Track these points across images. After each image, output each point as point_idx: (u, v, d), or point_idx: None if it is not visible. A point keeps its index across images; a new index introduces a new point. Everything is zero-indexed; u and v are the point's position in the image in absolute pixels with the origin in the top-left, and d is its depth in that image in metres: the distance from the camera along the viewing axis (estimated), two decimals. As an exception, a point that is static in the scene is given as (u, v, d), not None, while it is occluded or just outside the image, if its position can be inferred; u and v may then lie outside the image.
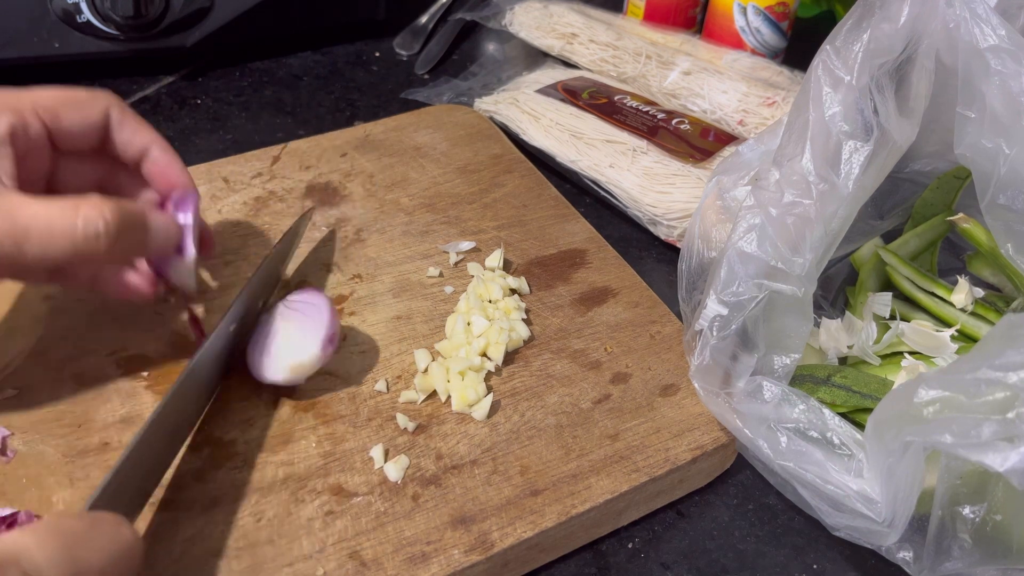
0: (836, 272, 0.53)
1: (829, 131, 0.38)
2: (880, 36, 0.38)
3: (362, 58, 0.78)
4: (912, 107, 0.40)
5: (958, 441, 0.30)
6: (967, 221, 0.47)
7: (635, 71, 0.67)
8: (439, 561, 0.36)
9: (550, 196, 0.57)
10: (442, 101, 0.69)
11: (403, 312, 0.48)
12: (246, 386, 0.43)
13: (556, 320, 0.48)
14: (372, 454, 0.40)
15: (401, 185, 0.57)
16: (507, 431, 0.41)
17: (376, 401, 0.43)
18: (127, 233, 0.37)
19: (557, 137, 0.62)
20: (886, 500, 0.34)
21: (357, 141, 0.61)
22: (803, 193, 0.38)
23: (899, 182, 0.51)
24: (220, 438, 0.40)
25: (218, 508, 0.37)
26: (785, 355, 0.41)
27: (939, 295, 0.47)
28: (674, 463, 0.40)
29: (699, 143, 0.59)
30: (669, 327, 0.48)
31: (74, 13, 0.64)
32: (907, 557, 0.35)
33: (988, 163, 0.37)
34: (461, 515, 0.38)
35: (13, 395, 0.41)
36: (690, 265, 0.45)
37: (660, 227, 0.57)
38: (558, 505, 0.38)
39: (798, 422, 0.38)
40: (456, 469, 0.40)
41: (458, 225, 0.54)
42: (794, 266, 0.38)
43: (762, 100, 0.62)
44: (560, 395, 0.43)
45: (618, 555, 0.41)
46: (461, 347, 0.44)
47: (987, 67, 0.36)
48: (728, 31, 0.72)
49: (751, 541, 0.42)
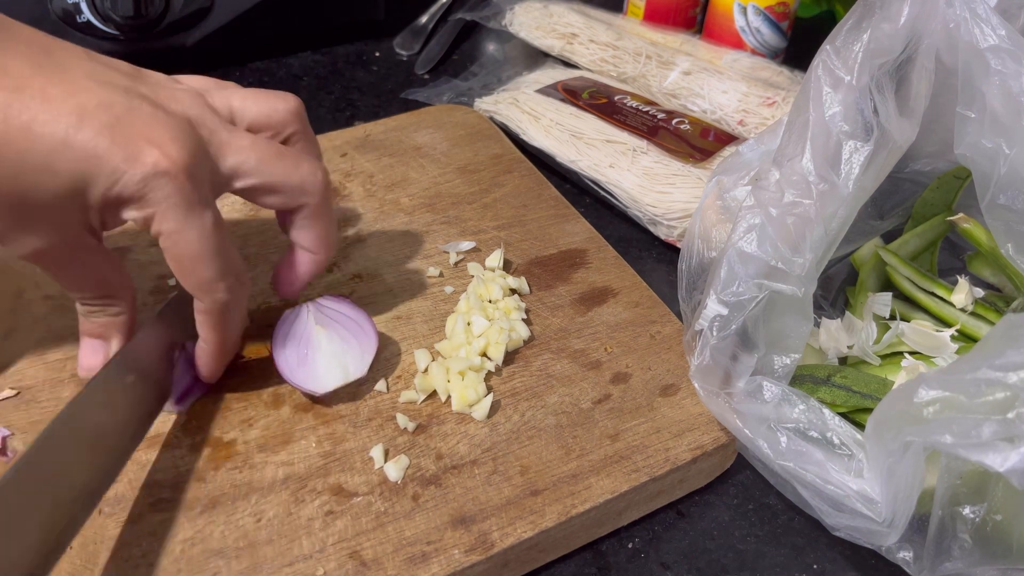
0: (836, 272, 0.53)
1: (829, 131, 0.38)
2: (880, 36, 0.38)
3: (362, 58, 0.78)
4: (912, 107, 0.40)
5: (958, 441, 0.30)
6: (967, 221, 0.47)
7: (635, 71, 0.67)
8: (439, 561, 0.36)
9: (550, 196, 0.57)
10: (442, 101, 0.70)
11: (403, 312, 0.48)
12: (246, 386, 0.43)
13: (556, 320, 0.48)
14: (372, 454, 0.40)
15: (401, 185, 0.57)
16: (507, 431, 0.41)
17: (376, 401, 0.43)
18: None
19: (557, 137, 0.62)
20: (886, 500, 0.34)
21: (357, 141, 0.61)
22: (803, 193, 0.38)
23: (899, 182, 0.51)
24: (220, 438, 0.40)
25: (218, 508, 0.37)
26: (785, 355, 0.41)
27: (939, 295, 0.47)
28: (674, 463, 0.40)
29: (699, 143, 0.59)
30: (669, 327, 0.48)
31: (74, 13, 0.64)
32: (907, 557, 0.35)
33: (988, 163, 0.37)
34: (461, 515, 0.38)
35: (13, 395, 0.42)
36: (690, 265, 0.45)
37: (660, 227, 0.57)
38: (558, 505, 0.38)
39: (798, 422, 0.38)
40: (456, 469, 0.40)
41: (458, 225, 0.54)
42: (794, 266, 0.38)
43: (762, 100, 0.62)
44: (560, 395, 0.43)
45: (618, 555, 0.41)
46: (461, 347, 0.44)
47: (987, 67, 0.36)
48: (728, 31, 0.72)
49: (751, 541, 0.42)
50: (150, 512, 0.37)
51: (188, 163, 0.34)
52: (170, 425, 0.41)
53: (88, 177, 0.33)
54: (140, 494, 0.38)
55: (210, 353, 0.40)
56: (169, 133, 0.34)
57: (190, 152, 0.34)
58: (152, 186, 0.33)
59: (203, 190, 0.35)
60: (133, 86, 0.35)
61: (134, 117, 0.34)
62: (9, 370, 0.43)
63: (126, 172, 0.33)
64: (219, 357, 0.40)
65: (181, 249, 0.35)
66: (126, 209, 0.34)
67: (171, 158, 0.33)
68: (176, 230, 0.34)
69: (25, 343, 0.44)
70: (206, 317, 0.38)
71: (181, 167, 0.34)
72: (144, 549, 0.36)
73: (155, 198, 0.34)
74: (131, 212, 0.34)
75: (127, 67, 0.37)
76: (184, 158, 0.34)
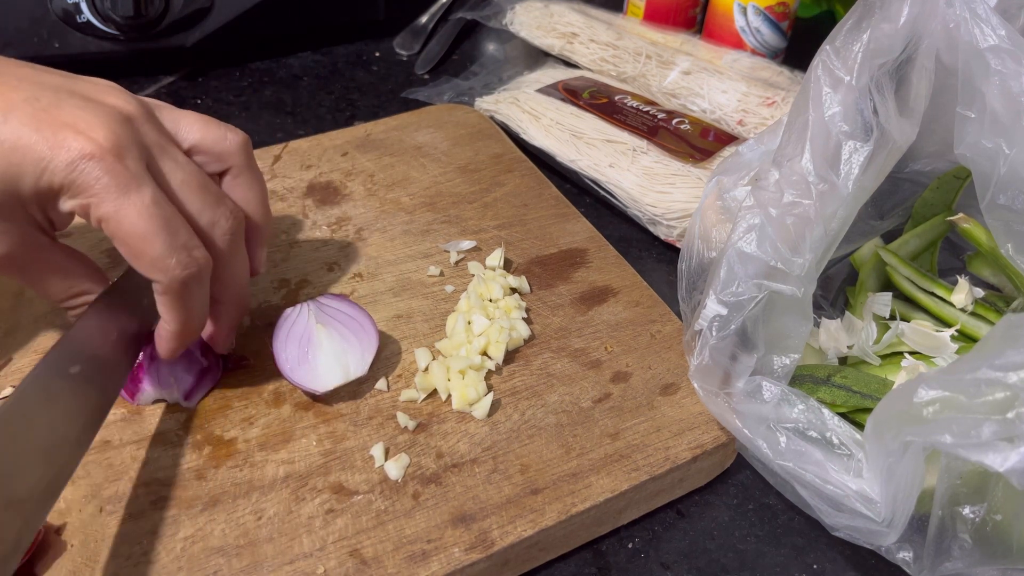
0: (836, 272, 0.54)
1: (829, 131, 0.38)
2: (880, 36, 0.38)
3: (362, 58, 0.78)
4: (912, 107, 0.40)
5: (958, 441, 0.30)
6: (967, 221, 0.47)
7: (635, 71, 0.67)
8: (439, 559, 0.36)
9: (551, 195, 0.57)
10: (443, 100, 0.70)
11: (404, 311, 0.48)
12: (247, 384, 0.43)
13: (556, 319, 0.48)
14: (373, 452, 0.40)
15: (402, 184, 0.57)
16: (507, 430, 0.41)
17: (377, 400, 0.43)
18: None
19: (557, 137, 0.62)
20: (886, 500, 0.34)
21: (358, 140, 0.61)
22: (803, 193, 0.38)
23: (899, 182, 0.51)
24: (221, 436, 0.40)
25: (219, 506, 0.37)
26: (785, 355, 0.41)
27: (939, 295, 0.47)
28: (674, 462, 0.40)
29: (699, 143, 0.59)
30: (669, 326, 0.48)
31: (74, 13, 0.64)
32: (907, 557, 0.35)
33: (988, 163, 0.37)
34: (461, 513, 0.38)
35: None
36: (690, 265, 0.45)
37: (660, 227, 0.57)
38: (558, 504, 0.38)
39: (797, 422, 0.38)
40: (456, 468, 0.40)
41: (459, 224, 0.54)
42: (794, 266, 0.38)
43: (762, 100, 0.62)
44: (560, 394, 0.43)
45: (618, 555, 0.41)
46: (462, 346, 0.44)
47: (987, 67, 0.36)
48: (728, 31, 0.72)
49: (751, 541, 0.42)
50: (151, 510, 0.37)
51: (115, 144, 0.34)
52: (171, 423, 0.41)
53: (18, 170, 0.33)
54: (141, 492, 0.38)
55: (172, 334, 0.38)
56: (96, 120, 0.34)
57: (117, 135, 0.34)
58: (80, 171, 0.33)
59: (137, 167, 0.34)
60: (66, 84, 0.35)
61: (60, 108, 0.34)
62: (10, 368, 0.43)
63: (52, 160, 0.33)
64: (181, 338, 0.38)
65: (125, 230, 0.34)
66: (62, 199, 0.34)
67: (96, 142, 0.33)
68: (114, 212, 0.34)
69: (26, 341, 0.44)
70: (165, 298, 0.36)
71: (107, 149, 0.33)
72: (145, 547, 0.36)
73: (85, 183, 0.33)
74: (68, 203, 0.34)
75: (67, 73, 0.37)
76: (111, 140, 0.33)
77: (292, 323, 0.43)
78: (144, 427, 0.41)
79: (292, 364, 0.41)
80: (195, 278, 0.36)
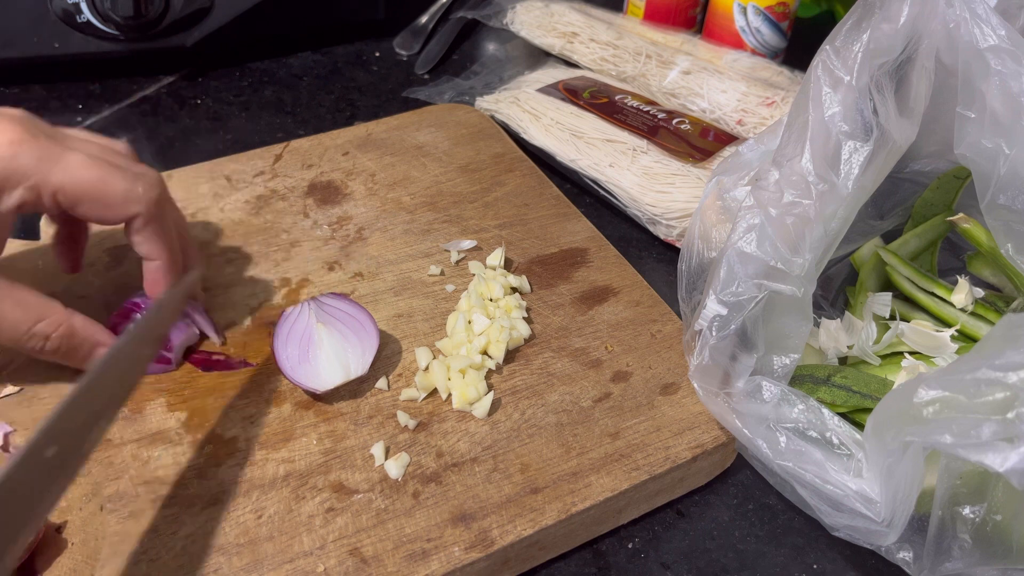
0: (836, 272, 0.54)
1: (829, 131, 0.38)
2: (880, 36, 0.38)
3: (362, 58, 0.78)
4: (912, 107, 0.40)
5: (958, 441, 0.30)
6: (967, 221, 0.47)
7: (635, 70, 0.67)
8: (439, 558, 0.36)
9: (551, 195, 0.57)
10: (443, 100, 0.70)
11: (404, 310, 0.48)
12: (247, 383, 0.43)
13: (557, 319, 0.48)
14: (373, 451, 0.40)
15: (403, 184, 0.57)
16: (507, 429, 0.41)
17: (377, 399, 0.43)
18: (68, 353, 0.40)
19: (557, 136, 0.62)
20: (885, 500, 0.34)
21: (359, 140, 0.61)
22: (803, 193, 0.38)
23: (899, 182, 0.51)
24: (221, 435, 0.40)
25: (219, 505, 0.37)
26: (785, 355, 0.41)
27: (939, 295, 0.47)
28: (674, 461, 0.40)
29: (699, 143, 0.59)
30: (670, 326, 0.48)
31: (74, 13, 0.64)
32: (907, 557, 0.35)
33: (988, 163, 0.37)
34: (461, 512, 0.38)
35: (16, 392, 0.42)
36: (690, 265, 0.45)
37: (659, 227, 0.57)
38: (558, 503, 0.38)
39: (797, 422, 0.38)
40: (456, 467, 0.40)
41: (459, 224, 0.54)
42: (794, 266, 0.38)
43: (762, 100, 0.62)
44: (561, 393, 0.43)
45: (618, 555, 0.41)
46: (462, 345, 0.44)
47: (987, 67, 0.36)
48: (728, 31, 0.72)
49: (751, 541, 0.42)
50: (152, 508, 0.37)
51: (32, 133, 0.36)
52: (171, 422, 0.41)
53: None
54: (142, 490, 0.38)
55: (163, 267, 0.41)
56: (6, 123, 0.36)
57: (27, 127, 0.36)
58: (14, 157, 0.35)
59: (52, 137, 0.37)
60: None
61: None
62: (11, 367, 0.43)
63: None
64: (172, 268, 0.42)
65: (81, 184, 0.37)
66: (6, 194, 0.36)
67: (15, 133, 0.36)
68: (64, 173, 0.36)
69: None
70: (148, 229, 0.39)
71: (28, 137, 0.36)
72: (146, 545, 0.36)
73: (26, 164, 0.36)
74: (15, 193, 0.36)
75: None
76: (28, 130, 0.36)
77: (293, 322, 0.43)
78: (145, 425, 0.41)
79: (293, 363, 0.41)
80: (165, 197, 0.39)
